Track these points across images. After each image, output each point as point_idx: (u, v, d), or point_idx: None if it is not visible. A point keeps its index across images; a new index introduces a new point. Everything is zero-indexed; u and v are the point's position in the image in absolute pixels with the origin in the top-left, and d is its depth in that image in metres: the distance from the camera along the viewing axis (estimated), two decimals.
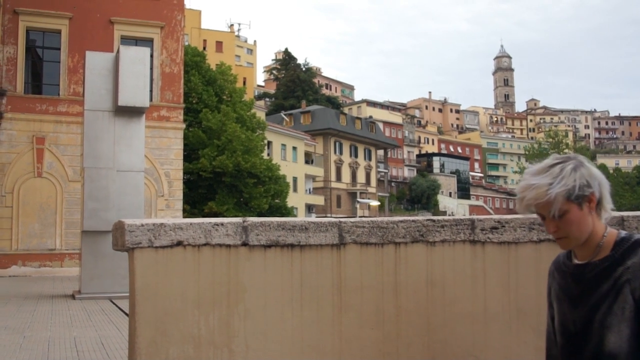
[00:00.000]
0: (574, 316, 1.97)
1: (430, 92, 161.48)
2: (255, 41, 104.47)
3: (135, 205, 14.54)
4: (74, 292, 14.60)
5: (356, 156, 75.94)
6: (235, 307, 2.83)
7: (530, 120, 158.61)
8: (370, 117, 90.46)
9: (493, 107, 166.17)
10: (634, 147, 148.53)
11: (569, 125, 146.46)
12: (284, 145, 59.87)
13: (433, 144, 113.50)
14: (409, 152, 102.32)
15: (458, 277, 3.12)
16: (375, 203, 61.52)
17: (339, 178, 72.78)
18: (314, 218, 3.08)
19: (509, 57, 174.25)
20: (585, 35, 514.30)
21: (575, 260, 2.01)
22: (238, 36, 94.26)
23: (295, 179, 58.97)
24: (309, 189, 65.56)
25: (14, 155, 25.10)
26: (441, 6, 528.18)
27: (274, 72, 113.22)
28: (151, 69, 25.04)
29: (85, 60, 15.05)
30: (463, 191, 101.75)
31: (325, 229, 2.97)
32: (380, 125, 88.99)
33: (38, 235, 24.98)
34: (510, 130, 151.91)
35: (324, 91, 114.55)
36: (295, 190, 57.82)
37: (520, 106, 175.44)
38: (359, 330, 3.00)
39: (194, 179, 36.11)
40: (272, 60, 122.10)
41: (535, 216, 2.00)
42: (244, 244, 2.85)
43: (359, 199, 65.37)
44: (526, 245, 3.16)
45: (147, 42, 27.00)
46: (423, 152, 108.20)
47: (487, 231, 3.14)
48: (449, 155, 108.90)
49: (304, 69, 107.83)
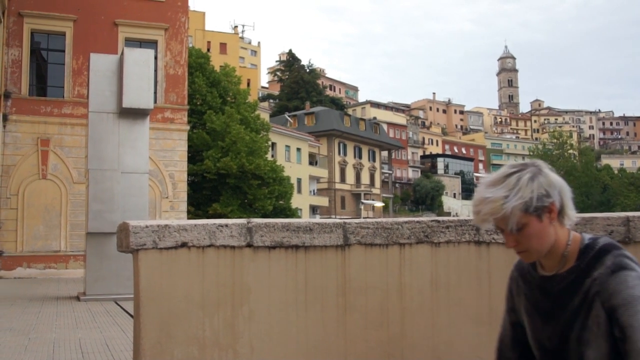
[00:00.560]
0: (547, 332, 1.88)
1: (434, 93, 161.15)
2: (259, 43, 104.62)
3: (139, 206, 14.54)
4: (78, 294, 14.62)
5: (360, 157, 75.91)
6: (239, 308, 2.83)
7: (535, 121, 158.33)
8: (374, 118, 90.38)
9: (497, 107, 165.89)
10: (639, 147, 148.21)
11: (573, 126, 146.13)
12: (288, 147, 59.89)
13: (437, 145, 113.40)
14: (413, 153, 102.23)
15: (463, 278, 3.12)
16: (379, 204, 61.48)
17: (343, 179, 72.76)
18: (318, 219, 3.08)
19: (513, 58, 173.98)
20: (589, 36, 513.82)
21: (540, 271, 1.91)
22: (242, 38, 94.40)
23: (299, 180, 58.96)
24: (313, 190, 65.57)
25: (18, 157, 25.16)
26: (444, 7, 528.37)
27: (278, 73, 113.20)
28: (155, 70, 25.12)
29: (89, 62, 15.07)
30: (467, 192, 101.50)
31: (329, 230, 2.97)
32: (384, 127, 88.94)
33: (43, 237, 25.02)
34: (515, 131, 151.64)
35: (328, 92, 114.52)
36: (299, 191, 57.83)
37: (524, 107, 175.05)
38: (364, 331, 2.99)
39: (198, 181, 36.15)
40: (276, 61, 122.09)
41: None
42: (249, 245, 2.85)
43: (363, 200, 65.34)
44: None
45: (151, 44, 27.04)
46: (427, 153, 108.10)
47: (492, 232, 3.13)
48: (453, 156, 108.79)
49: (307, 70, 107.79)
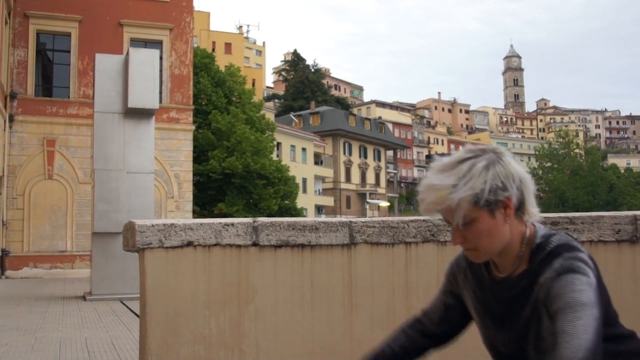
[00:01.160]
0: (501, 337, 1.68)
1: (439, 93, 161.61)
2: (264, 42, 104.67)
3: (145, 206, 14.57)
4: (84, 294, 14.65)
5: (365, 157, 75.88)
6: (245, 307, 2.82)
7: (541, 120, 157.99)
8: (380, 117, 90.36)
9: (503, 107, 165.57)
10: None
11: (579, 125, 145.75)
12: (293, 147, 59.92)
13: (443, 144, 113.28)
14: (418, 152, 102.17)
15: None
16: (384, 204, 61.46)
17: (348, 179, 72.74)
18: (324, 218, 3.07)
19: (519, 57, 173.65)
20: (596, 34, 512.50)
21: (494, 272, 1.69)
22: (247, 38, 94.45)
23: (304, 180, 58.99)
24: (319, 190, 65.58)
25: (25, 157, 25.23)
26: (449, 6, 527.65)
27: (283, 73, 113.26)
28: (160, 71, 25.13)
29: (95, 63, 15.10)
30: None
31: (335, 229, 2.96)
32: (390, 126, 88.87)
33: (49, 237, 25.10)
34: (520, 131, 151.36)
35: (333, 92, 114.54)
36: (304, 191, 57.85)
37: (530, 106, 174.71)
38: (370, 331, 2.99)
39: (204, 181, 36.20)
40: (281, 61, 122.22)
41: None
42: (255, 244, 2.85)
43: (368, 200, 65.34)
44: None
45: (157, 44, 27.08)
46: (433, 152, 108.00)
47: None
48: None
49: (312, 70, 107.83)
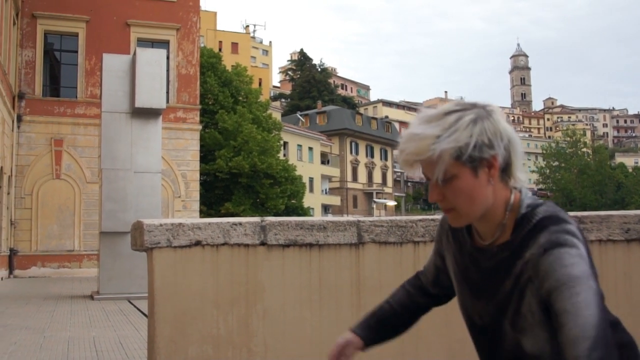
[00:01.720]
0: (477, 308, 1.58)
1: (446, 92, 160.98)
2: (270, 42, 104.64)
3: (152, 206, 14.60)
4: (92, 293, 14.70)
5: (372, 156, 75.82)
6: (253, 306, 2.83)
7: (548, 119, 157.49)
8: (386, 117, 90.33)
9: (510, 106, 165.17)
10: None
11: (587, 124, 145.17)
12: (300, 146, 59.93)
13: None
14: None
15: None
16: (391, 203, 61.30)
17: (355, 178, 72.70)
18: (332, 217, 3.07)
19: (526, 56, 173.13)
20: (603, 33, 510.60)
21: (476, 238, 1.58)
22: (253, 37, 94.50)
23: (311, 180, 59.00)
24: (325, 190, 65.57)
25: (32, 157, 25.33)
26: (456, 5, 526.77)
27: (290, 72, 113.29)
28: (167, 70, 25.14)
29: (102, 63, 15.15)
30: None
31: (343, 228, 2.96)
32: (397, 125, 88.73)
33: (57, 236, 25.19)
34: (528, 130, 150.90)
35: (340, 91, 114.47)
36: (311, 190, 57.86)
37: (537, 105, 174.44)
38: None
39: (211, 180, 36.26)
40: (288, 61, 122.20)
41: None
42: (263, 244, 2.85)
43: (375, 199, 65.20)
44: None
45: (164, 44, 27.13)
46: None
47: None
48: None
49: (319, 69, 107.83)
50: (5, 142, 22.77)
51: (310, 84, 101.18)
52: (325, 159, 66.00)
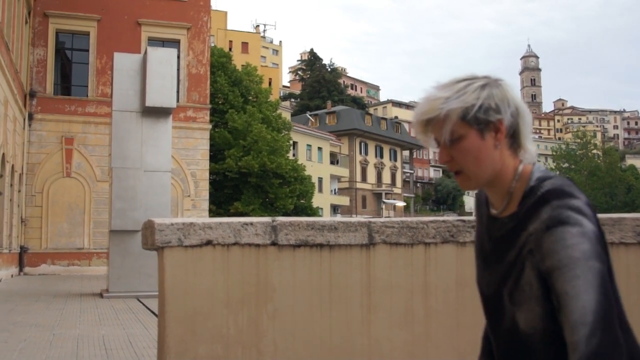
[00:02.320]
0: (486, 278, 1.61)
1: None
2: (280, 42, 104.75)
3: (162, 205, 14.64)
4: (101, 291, 14.76)
5: (381, 157, 75.76)
6: (264, 306, 2.82)
7: (558, 121, 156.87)
8: (396, 117, 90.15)
9: None
10: None
11: (597, 126, 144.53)
12: (309, 146, 59.95)
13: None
14: (434, 152, 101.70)
15: None
16: (400, 204, 61.28)
17: (364, 179, 72.67)
18: (343, 218, 3.07)
19: (536, 57, 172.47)
20: (614, 34, 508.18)
21: (491, 209, 1.61)
22: (263, 37, 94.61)
23: (320, 180, 59.00)
24: (334, 190, 65.56)
25: (43, 155, 25.46)
26: (465, 6, 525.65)
27: (300, 72, 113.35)
28: (178, 70, 25.23)
29: (113, 62, 15.20)
30: None
31: (354, 229, 2.96)
32: (406, 126, 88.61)
33: (67, 234, 25.30)
34: (538, 131, 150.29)
35: (349, 92, 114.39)
36: (320, 190, 57.85)
37: (547, 106, 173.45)
38: (388, 331, 2.97)
39: (220, 179, 36.32)
40: (298, 60, 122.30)
41: None
42: (273, 244, 2.85)
43: (384, 200, 65.17)
44: None
45: (174, 43, 27.22)
46: None
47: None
48: None
49: (329, 69, 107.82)
50: (16, 140, 22.89)
51: (320, 84, 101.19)
52: (334, 159, 66.00)
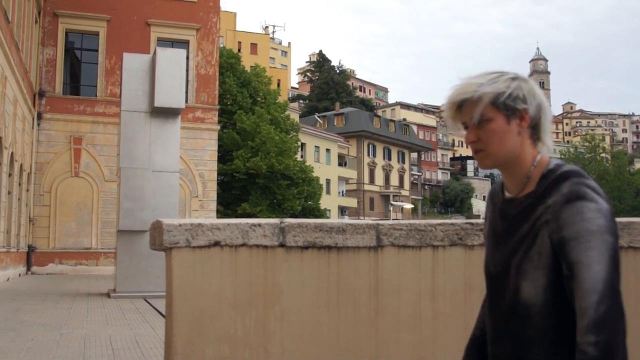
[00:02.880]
0: (495, 257, 1.71)
1: None
2: (289, 43, 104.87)
3: (170, 205, 14.67)
4: (109, 291, 14.79)
5: (390, 159, 75.69)
6: (271, 308, 2.82)
7: (567, 124, 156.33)
8: (404, 119, 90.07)
9: None
10: None
11: (606, 129, 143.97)
12: (317, 147, 59.96)
13: (467, 147, 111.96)
14: (442, 155, 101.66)
15: None
16: (408, 206, 61.17)
17: (372, 180, 72.62)
18: (351, 220, 3.06)
19: (545, 60, 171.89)
20: (623, 37, 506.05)
21: (506, 193, 1.74)
22: (272, 38, 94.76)
23: (328, 181, 59.00)
24: (342, 191, 65.53)
25: (52, 155, 25.55)
26: (474, 8, 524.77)
27: (308, 74, 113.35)
28: (187, 70, 25.29)
29: (122, 62, 15.24)
30: None
31: (362, 231, 2.95)
32: (414, 128, 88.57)
33: (74, 234, 25.37)
34: None
35: (358, 93, 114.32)
36: (328, 192, 57.85)
37: (556, 109, 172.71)
38: (396, 334, 2.97)
39: (228, 180, 36.36)
40: (306, 62, 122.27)
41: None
42: (281, 245, 2.84)
43: (392, 202, 65.07)
44: None
45: (183, 44, 27.28)
46: (457, 155, 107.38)
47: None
48: None
49: (337, 71, 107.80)
50: (25, 139, 22.98)
51: (329, 86, 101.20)
52: (342, 161, 65.98)
